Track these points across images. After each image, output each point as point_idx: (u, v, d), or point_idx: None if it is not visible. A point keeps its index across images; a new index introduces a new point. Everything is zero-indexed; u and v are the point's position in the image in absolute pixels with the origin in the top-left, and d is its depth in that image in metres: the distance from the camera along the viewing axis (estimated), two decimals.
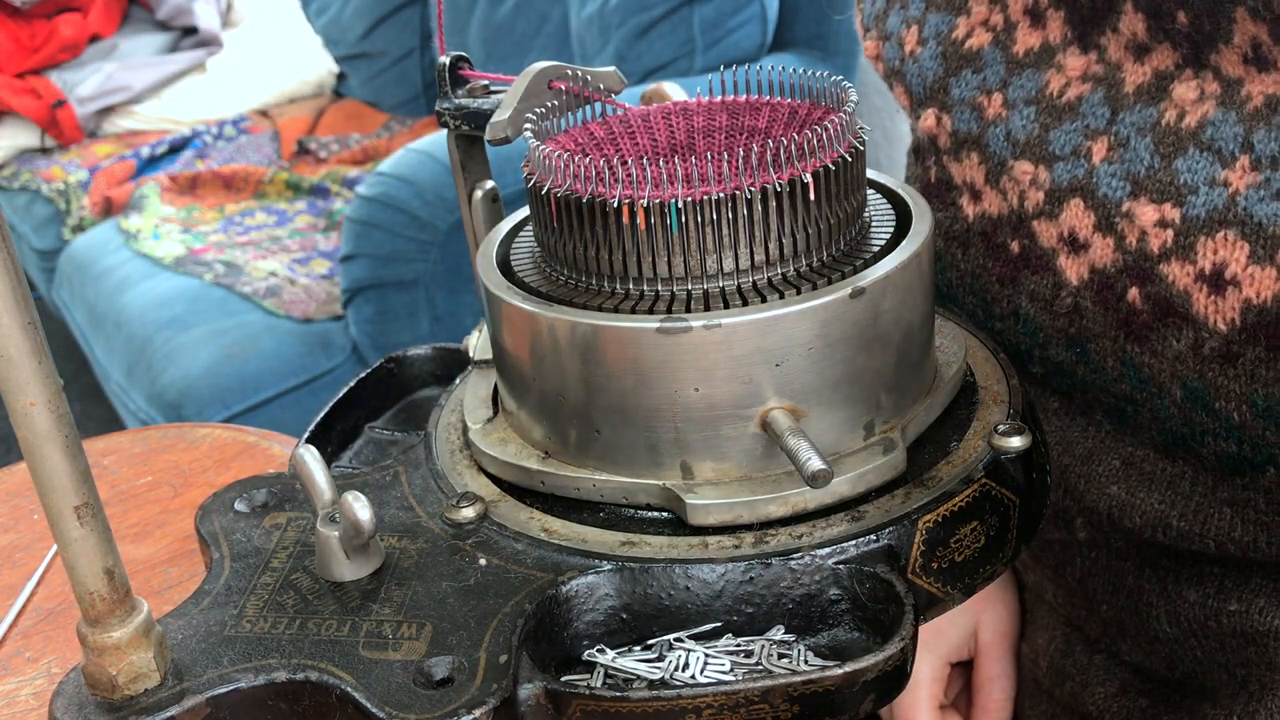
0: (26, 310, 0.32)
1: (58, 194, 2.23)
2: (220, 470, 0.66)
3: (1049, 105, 0.50)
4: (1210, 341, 0.46)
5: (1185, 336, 0.47)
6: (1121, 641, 0.60)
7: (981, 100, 0.52)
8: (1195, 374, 0.47)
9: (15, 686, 0.51)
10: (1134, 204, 0.46)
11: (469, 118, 0.51)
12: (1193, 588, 0.55)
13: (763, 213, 0.39)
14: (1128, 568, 0.58)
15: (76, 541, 0.35)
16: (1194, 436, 0.49)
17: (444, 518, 0.43)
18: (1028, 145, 0.50)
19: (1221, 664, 0.55)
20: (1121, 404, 0.52)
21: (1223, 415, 0.47)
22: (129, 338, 1.80)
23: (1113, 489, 0.54)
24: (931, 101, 0.55)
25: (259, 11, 2.69)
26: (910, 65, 0.56)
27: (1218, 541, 0.51)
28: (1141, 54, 0.47)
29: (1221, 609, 0.54)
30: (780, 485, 0.40)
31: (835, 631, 0.39)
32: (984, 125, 0.52)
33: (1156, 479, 0.53)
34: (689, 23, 1.75)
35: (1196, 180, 0.45)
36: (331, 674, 0.37)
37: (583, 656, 0.40)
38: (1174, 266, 0.46)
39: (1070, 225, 0.49)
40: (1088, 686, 0.62)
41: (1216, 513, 0.51)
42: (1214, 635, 0.54)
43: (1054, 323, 0.52)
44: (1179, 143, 0.45)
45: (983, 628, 0.68)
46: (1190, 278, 0.45)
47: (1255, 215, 0.43)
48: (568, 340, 0.40)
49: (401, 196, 1.55)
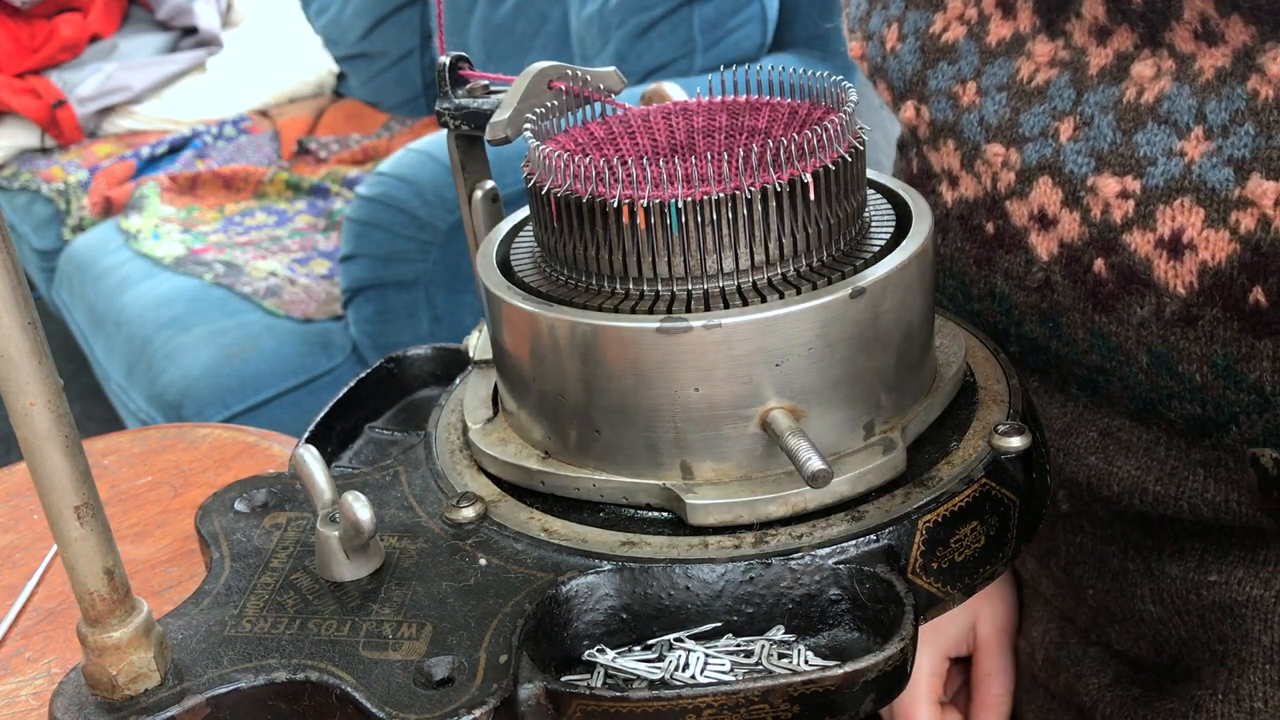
0: (26, 310, 0.32)
1: (58, 194, 2.23)
2: (220, 470, 0.66)
3: (1019, 90, 0.52)
4: (1171, 306, 0.48)
5: (1148, 303, 0.49)
6: (1110, 628, 0.61)
7: (957, 89, 0.55)
8: (1159, 339, 0.49)
9: (15, 686, 0.51)
10: (1098, 178, 0.49)
11: (469, 118, 0.51)
12: (1174, 563, 0.56)
13: (763, 213, 0.39)
14: (1113, 551, 0.59)
15: (76, 541, 0.35)
16: (1162, 401, 0.51)
17: (444, 518, 0.43)
18: (999, 129, 0.53)
19: (1203, 642, 0.56)
20: (1094, 375, 0.54)
21: (1186, 378, 0.49)
22: (129, 338, 1.80)
23: (1091, 459, 0.56)
24: (911, 94, 0.58)
25: (259, 11, 2.69)
26: (891, 61, 0.59)
27: (1191, 504, 0.53)
28: (1103, 37, 0.49)
29: (1202, 581, 0.55)
30: (780, 485, 0.40)
31: (835, 631, 0.39)
32: (959, 113, 0.55)
33: (1133, 447, 0.55)
34: (689, 23, 1.75)
35: (1155, 152, 0.47)
36: (331, 674, 0.37)
37: (583, 656, 0.40)
38: (1135, 235, 0.48)
39: (1040, 203, 0.51)
40: (1082, 678, 0.63)
41: (1190, 475, 0.53)
42: (1195, 610, 0.56)
43: (1027, 299, 0.54)
44: (1138, 118, 0.48)
45: (981, 623, 0.68)
46: (1150, 245, 0.48)
47: (1209, 181, 0.46)
48: (568, 340, 0.40)
49: (401, 196, 1.55)
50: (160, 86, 2.45)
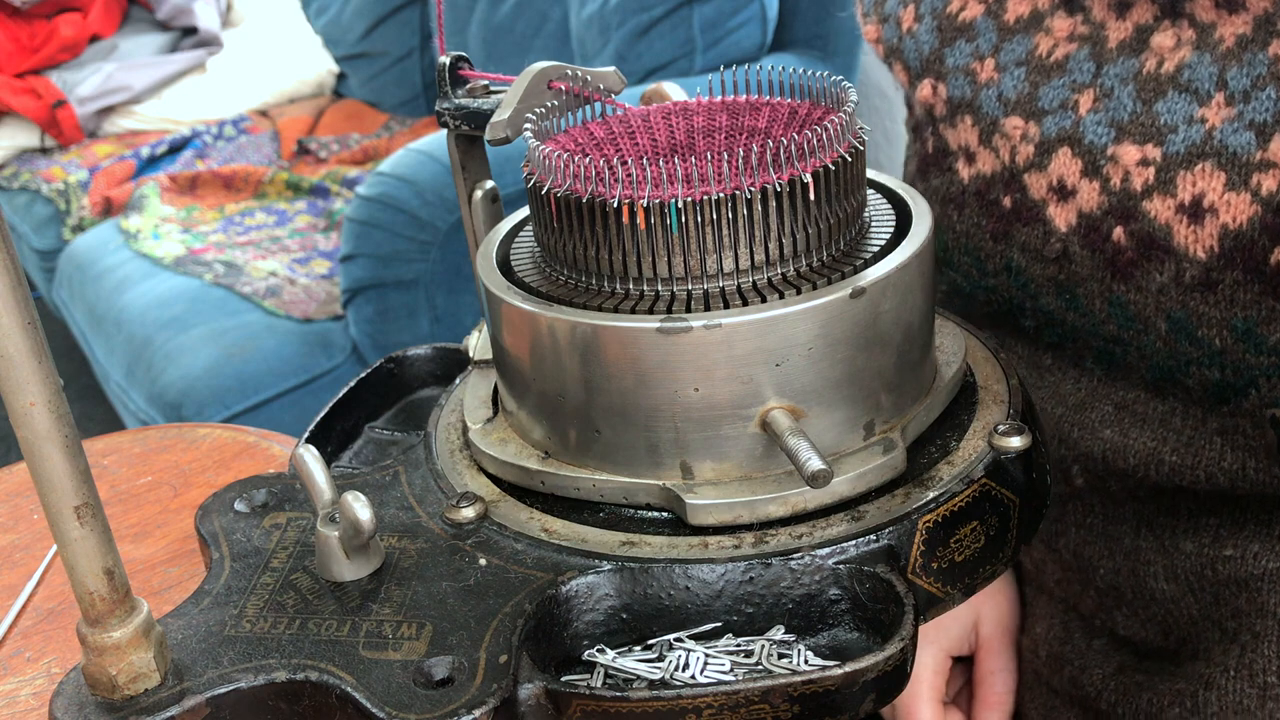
0: (26, 310, 0.32)
1: (58, 194, 2.23)
2: (220, 470, 0.66)
3: (1038, 65, 0.53)
4: (1190, 271, 0.49)
5: (1167, 269, 0.50)
6: (1117, 611, 0.61)
7: (975, 66, 0.56)
8: (1178, 305, 0.50)
9: (15, 686, 0.51)
10: (1118, 147, 0.50)
11: (469, 118, 0.51)
12: (1189, 539, 0.57)
13: (763, 213, 0.39)
14: (1124, 530, 0.60)
15: (76, 541, 0.35)
16: (1180, 368, 0.52)
17: (444, 518, 0.43)
18: (1018, 103, 0.54)
19: (1215, 620, 0.57)
20: (1110, 346, 0.55)
21: (1205, 342, 0.50)
22: (129, 338, 1.80)
23: (1106, 433, 0.57)
24: (928, 72, 0.59)
25: (259, 11, 2.69)
26: (908, 41, 0.60)
27: (1208, 473, 0.54)
28: (1123, 10, 0.50)
29: (1217, 557, 0.56)
30: (780, 485, 0.40)
31: (835, 631, 0.39)
32: (977, 89, 0.56)
33: (1148, 419, 0.55)
34: (689, 23, 1.75)
35: (1176, 120, 0.48)
36: (331, 674, 0.37)
37: (583, 656, 0.40)
38: (1155, 202, 0.49)
39: (1059, 174, 0.52)
40: (1086, 670, 0.63)
41: (1207, 444, 0.54)
42: (1209, 586, 0.57)
43: (1044, 271, 0.55)
44: (1159, 87, 0.49)
45: (983, 621, 0.68)
46: (1171, 210, 0.49)
47: (1230, 146, 0.47)
48: (568, 340, 0.40)
49: (401, 196, 1.54)
50: (160, 86, 2.45)
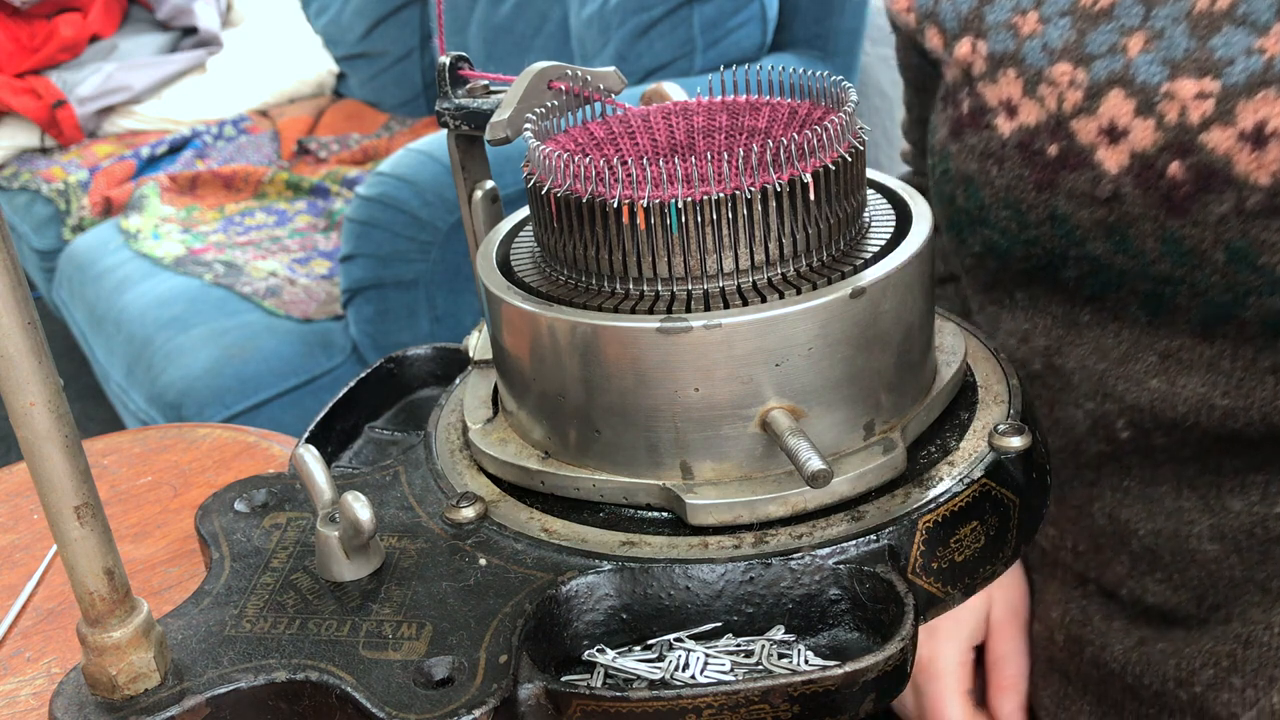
0: (26, 310, 0.32)
1: (58, 194, 2.23)
2: (220, 470, 0.66)
3: (1084, 14, 0.54)
4: (1253, 198, 0.49)
5: (1228, 199, 0.50)
6: (1149, 578, 0.61)
7: (1017, 20, 0.57)
8: (1239, 234, 0.50)
9: (15, 686, 0.51)
10: (1172, 84, 0.50)
11: (469, 118, 0.51)
12: (1237, 497, 0.57)
13: (763, 213, 0.39)
14: (1165, 491, 0.59)
15: (76, 541, 0.35)
16: (1237, 301, 0.52)
17: (444, 518, 0.43)
18: (1065, 50, 0.54)
19: (1259, 581, 0.57)
20: (1159, 288, 0.55)
21: (1267, 271, 0.50)
22: (129, 338, 1.80)
23: (1153, 382, 0.57)
24: (967, 31, 0.60)
25: (259, 11, 2.69)
26: (945, 4, 0.61)
27: (1263, 413, 0.54)
28: None
29: (1268, 514, 0.56)
30: (780, 485, 0.40)
31: (835, 631, 0.39)
32: (1020, 41, 0.56)
33: (1195, 364, 0.55)
34: (689, 23, 1.75)
35: (1233, 52, 0.49)
36: (331, 674, 0.37)
37: (583, 656, 0.40)
38: (1214, 133, 0.50)
39: (1110, 116, 0.53)
40: (1107, 648, 0.63)
41: (1259, 384, 0.54)
42: (1258, 545, 0.56)
43: (1092, 215, 0.55)
44: (1213, 23, 0.49)
45: (994, 606, 0.69)
46: (1232, 140, 0.49)
47: None
48: (568, 340, 0.40)
49: (401, 196, 1.54)
50: (160, 86, 2.45)
